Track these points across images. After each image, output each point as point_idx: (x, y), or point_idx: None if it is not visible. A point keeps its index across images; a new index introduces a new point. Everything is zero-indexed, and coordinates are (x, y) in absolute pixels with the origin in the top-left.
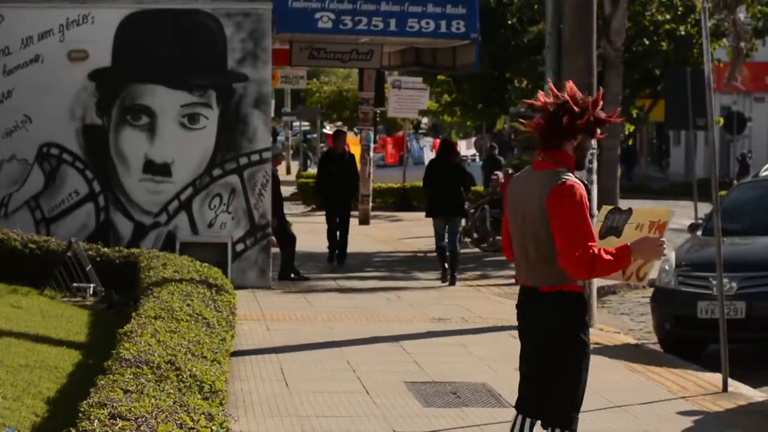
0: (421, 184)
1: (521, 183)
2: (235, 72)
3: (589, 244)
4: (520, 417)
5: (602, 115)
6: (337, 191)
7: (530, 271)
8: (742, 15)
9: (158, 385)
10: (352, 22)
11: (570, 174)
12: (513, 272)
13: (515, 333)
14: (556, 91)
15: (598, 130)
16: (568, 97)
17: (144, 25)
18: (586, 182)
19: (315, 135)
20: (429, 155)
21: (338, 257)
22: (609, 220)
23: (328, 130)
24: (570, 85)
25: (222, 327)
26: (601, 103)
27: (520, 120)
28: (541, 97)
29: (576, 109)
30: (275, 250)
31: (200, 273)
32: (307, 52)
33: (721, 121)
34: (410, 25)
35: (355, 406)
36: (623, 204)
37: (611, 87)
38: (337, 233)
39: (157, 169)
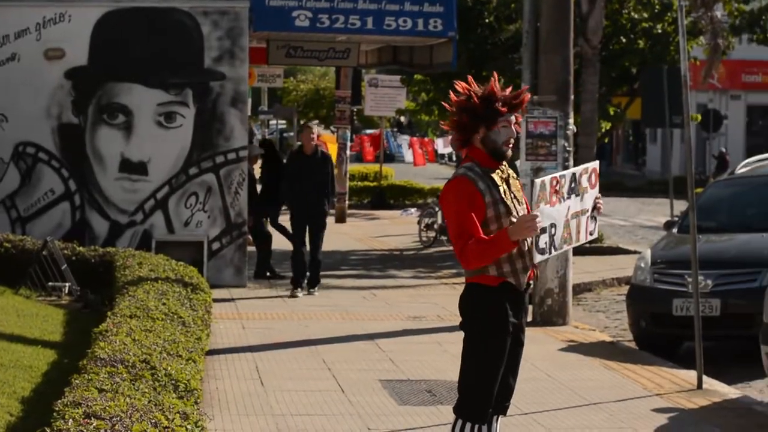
0: (396, 181)
1: None
2: (212, 70)
3: (475, 235)
4: None
5: (498, 104)
6: (306, 201)
7: None
8: (719, 12)
9: (133, 384)
10: (329, 21)
11: (465, 169)
12: None
13: None
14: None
15: (511, 118)
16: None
17: (121, 24)
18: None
19: (292, 133)
20: (407, 153)
21: (310, 280)
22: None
23: None
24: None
25: (197, 326)
26: (498, 93)
27: (441, 123)
28: (453, 98)
29: (464, 104)
30: (251, 248)
31: (176, 272)
32: (284, 51)
33: (698, 117)
34: (387, 23)
35: (330, 404)
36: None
37: (588, 85)
38: (307, 254)
39: (134, 168)
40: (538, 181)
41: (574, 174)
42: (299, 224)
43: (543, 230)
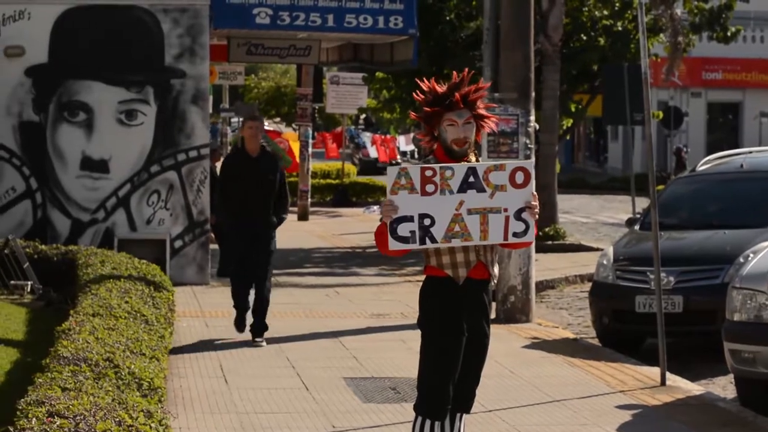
0: (358, 179)
1: None
2: (172, 68)
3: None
4: None
5: (427, 108)
6: (247, 218)
7: None
8: (679, 10)
9: (96, 383)
10: (289, 18)
11: (422, 161)
12: None
13: None
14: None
15: (457, 118)
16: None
17: (81, 21)
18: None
19: None
20: (371, 149)
21: (254, 327)
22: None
23: (267, 126)
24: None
25: (160, 324)
26: (440, 92)
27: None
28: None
29: (417, 102)
30: (214, 246)
31: (138, 270)
32: (245, 48)
33: (659, 115)
34: (348, 20)
35: (295, 402)
36: (561, 199)
37: (549, 82)
38: (252, 285)
39: (95, 166)
40: (393, 169)
41: (473, 168)
42: (238, 248)
43: (405, 219)
